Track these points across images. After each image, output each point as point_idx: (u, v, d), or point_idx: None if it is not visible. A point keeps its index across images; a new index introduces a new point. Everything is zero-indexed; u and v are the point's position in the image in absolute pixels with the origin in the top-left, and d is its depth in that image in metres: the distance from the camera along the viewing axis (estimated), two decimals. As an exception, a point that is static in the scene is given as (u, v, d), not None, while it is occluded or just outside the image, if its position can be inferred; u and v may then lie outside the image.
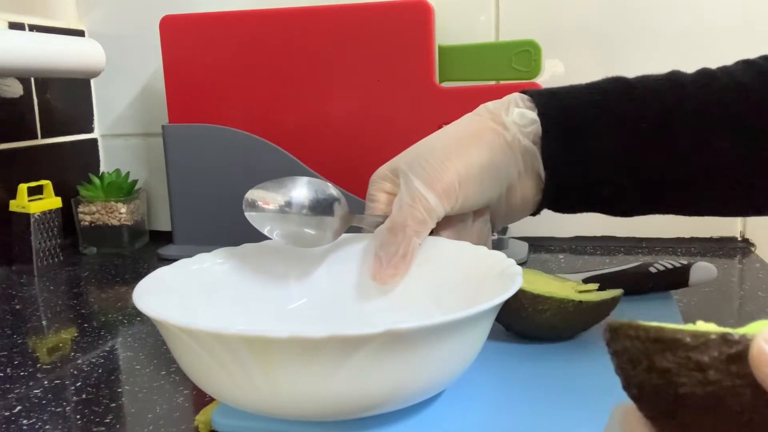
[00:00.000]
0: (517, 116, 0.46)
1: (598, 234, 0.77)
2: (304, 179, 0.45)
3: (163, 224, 0.87)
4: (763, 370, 0.17)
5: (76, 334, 0.54)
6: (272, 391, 0.31)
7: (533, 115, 0.46)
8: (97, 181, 0.82)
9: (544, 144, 0.45)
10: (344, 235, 0.49)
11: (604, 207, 0.48)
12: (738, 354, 0.18)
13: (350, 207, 0.46)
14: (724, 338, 0.18)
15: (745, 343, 0.18)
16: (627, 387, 0.20)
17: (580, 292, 0.45)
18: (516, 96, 0.47)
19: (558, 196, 0.47)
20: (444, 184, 0.43)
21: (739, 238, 0.75)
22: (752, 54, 0.46)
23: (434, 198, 0.43)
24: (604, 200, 0.47)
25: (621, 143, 0.45)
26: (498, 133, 0.45)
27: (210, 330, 0.30)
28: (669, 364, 0.18)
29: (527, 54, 0.67)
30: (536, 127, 0.45)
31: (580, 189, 0.46)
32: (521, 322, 0.44)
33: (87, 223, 0.80)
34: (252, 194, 0.43)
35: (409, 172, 0.44)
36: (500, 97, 0.48)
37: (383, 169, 0.47)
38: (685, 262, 0.53)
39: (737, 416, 0.18)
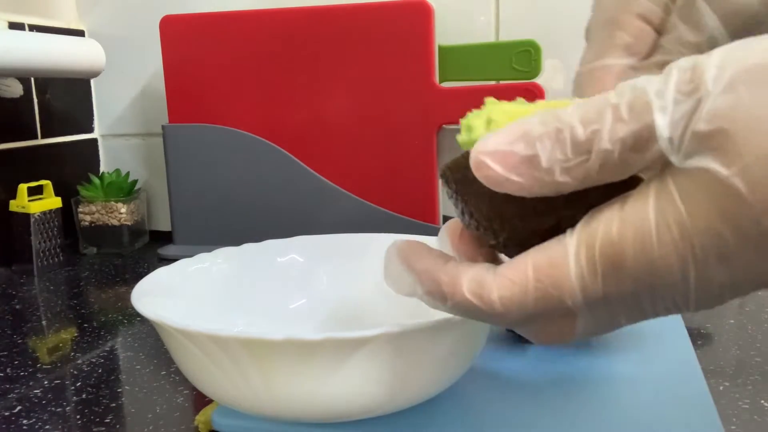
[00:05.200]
0: None
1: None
2: None
3: (163, 224, 0.87)
4: (483, 172, 0.22)
5: (76, 334, 0.54)
6: (269, 394, 0.30)
7: None
8: (97, 181, 0.82)
9: None
10: (344, 235, 0.49)
11: None
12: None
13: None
14: (465, 155, 0.24)
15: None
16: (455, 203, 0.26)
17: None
18: None
19: None
20: None
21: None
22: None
23: None
24: None
25: None
26: None
27: (207, 332, 0.30)
28: (460, 176, 0.24)
29: (527, 54, 0.66)
30: None
31: None
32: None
33: (87, 223, 0.80)
34: None
35: None
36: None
37: None
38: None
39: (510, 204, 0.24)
